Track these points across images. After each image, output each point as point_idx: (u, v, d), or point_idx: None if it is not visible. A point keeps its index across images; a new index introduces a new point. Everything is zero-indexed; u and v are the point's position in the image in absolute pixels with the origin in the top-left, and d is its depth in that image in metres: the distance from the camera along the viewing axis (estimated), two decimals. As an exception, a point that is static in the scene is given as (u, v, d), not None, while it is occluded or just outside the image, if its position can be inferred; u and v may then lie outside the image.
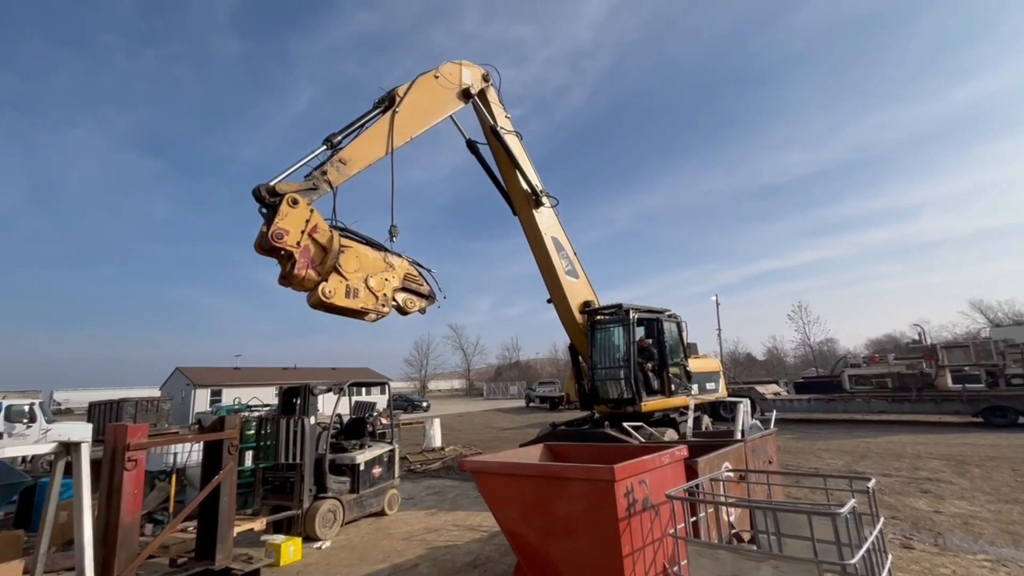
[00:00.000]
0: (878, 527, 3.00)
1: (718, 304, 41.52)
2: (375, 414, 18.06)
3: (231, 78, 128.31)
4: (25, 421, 15.93)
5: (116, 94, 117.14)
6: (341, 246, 5.13)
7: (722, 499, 3.74)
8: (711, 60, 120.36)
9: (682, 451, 4.05)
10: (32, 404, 16.50)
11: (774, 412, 6.68)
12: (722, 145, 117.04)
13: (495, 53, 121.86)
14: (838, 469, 9.58)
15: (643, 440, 6.78)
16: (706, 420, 10.51)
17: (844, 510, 2.52)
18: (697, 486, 3.75)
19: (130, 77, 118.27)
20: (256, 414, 9.03)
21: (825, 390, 19.62)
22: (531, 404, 36.58)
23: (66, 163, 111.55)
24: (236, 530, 5.85)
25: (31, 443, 15.94)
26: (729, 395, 13.11)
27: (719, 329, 40.19)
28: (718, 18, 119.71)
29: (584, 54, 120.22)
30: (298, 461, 6.51)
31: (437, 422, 15.88)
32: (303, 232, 4.87)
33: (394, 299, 5.62)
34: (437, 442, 15.43)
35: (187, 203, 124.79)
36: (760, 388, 19.73)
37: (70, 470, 8.63)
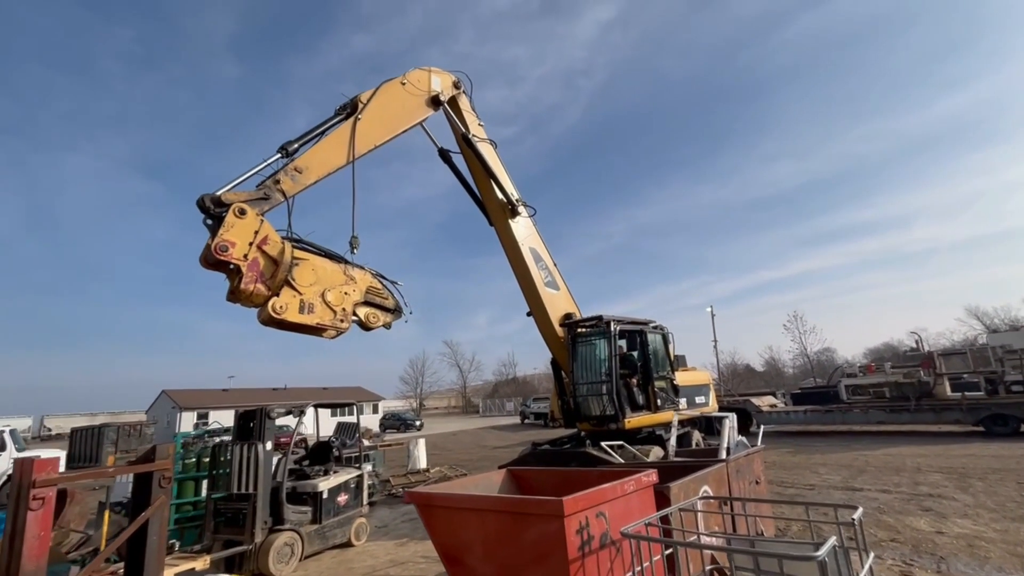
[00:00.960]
0: (867, 566, 2.58)
1: (713, 315, 41.26)
2: (357, 435, 17.52)
3: (229, 101, 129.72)
4: (-7, 450, 15.29)
5: (116, 118, 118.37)
6: (295, 258, 4.77)
7: (690, 536, 3.31)
8: (701, 75, 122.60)
9: (650, 476, 3.63)
10: (2, 432, 15.89)
11: (761, 427, 6.26)
12: (714, 158, 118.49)
13: (489, 73, 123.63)
14: (835, 485, 9.11)
15: (621, 460, 6.35)
16: (696, 436, 10.05)
17: (822, 552, 2.11)
18: (667, 517, 3.33)
19: (130, 102, 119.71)
20: (218, 439, 8.53)
21: (822, 401, 19.15)
22: (526, 421, 35.94)
23: (64, 187, 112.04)
24: (174, 571, 5.37)
25: (-1, 472, 15.37)
26: (721, 408, 12.68)
27: (715, 340, 39.84)
28: (707, 35, 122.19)
29: (577, 72, 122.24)
30: (251, 491, 6.04)
31: (422, 442, 15.34)
32: (251, 244, 4.53)
33: (355, 314, 5.25)
34: (422, 463, 14.88)
35: (186, 225, 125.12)
36: (756, 400, 19.25)
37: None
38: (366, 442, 15.44)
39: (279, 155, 5.62)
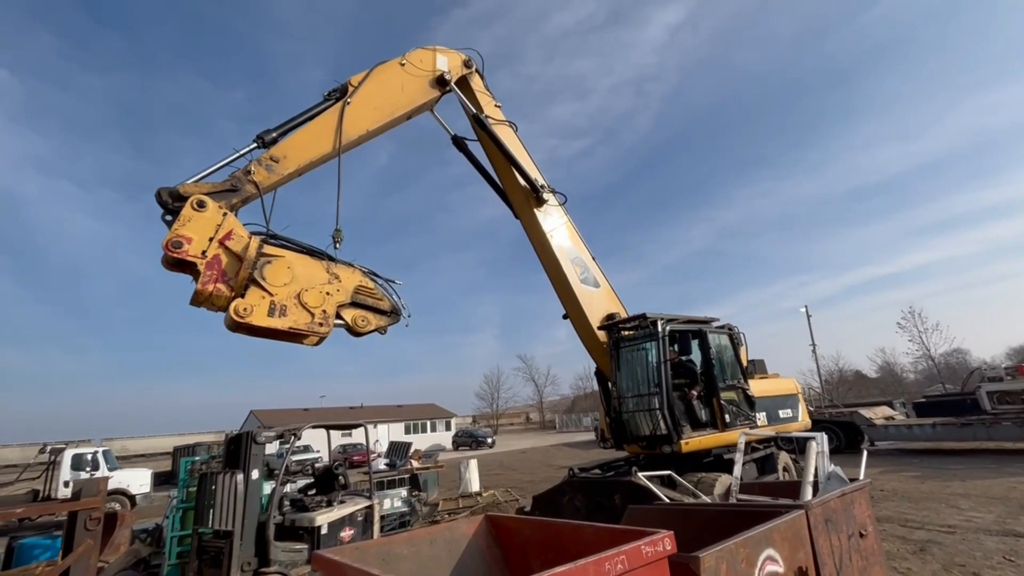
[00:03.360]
0: None
1: (809, 316, 36.82)
2: (408, 455, 16.88)
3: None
4: (88, 469, 16.49)
5: (229, 169, 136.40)
6: (265, 255, 4.08)
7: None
8: (783, 66, 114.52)
9: (658, 544, 2.28)
10: (96, 452, 17.15)
11: (864, 453, 4.51)
12: (803, 150, 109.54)
13: (558, 89, 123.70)
14: (985, 528, 6.78)
15: (664, 498, 4.87)
16: (783, 458, 8.12)
17: None
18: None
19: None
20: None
21: (956, 411, 15.66)
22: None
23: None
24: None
25: (93, 491, 16.53)
26: (817, 423, 10.43)
27: (812, 344, 35.42)
28: (787, 23, 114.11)
29: (647, 78, 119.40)
30: (228, 527, 5.31)
31: (473, 463, 14.33)
32: (211, 240, 3.91)
33: (340, 316, 4.44)
34: (475, 486, 13.85)
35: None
36: (865, 412, 16.10)
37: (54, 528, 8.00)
38: (415, 463, 14.77)
39: (255, 145, 5.03)
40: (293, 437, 6.16)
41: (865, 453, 4.49)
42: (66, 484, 16.10)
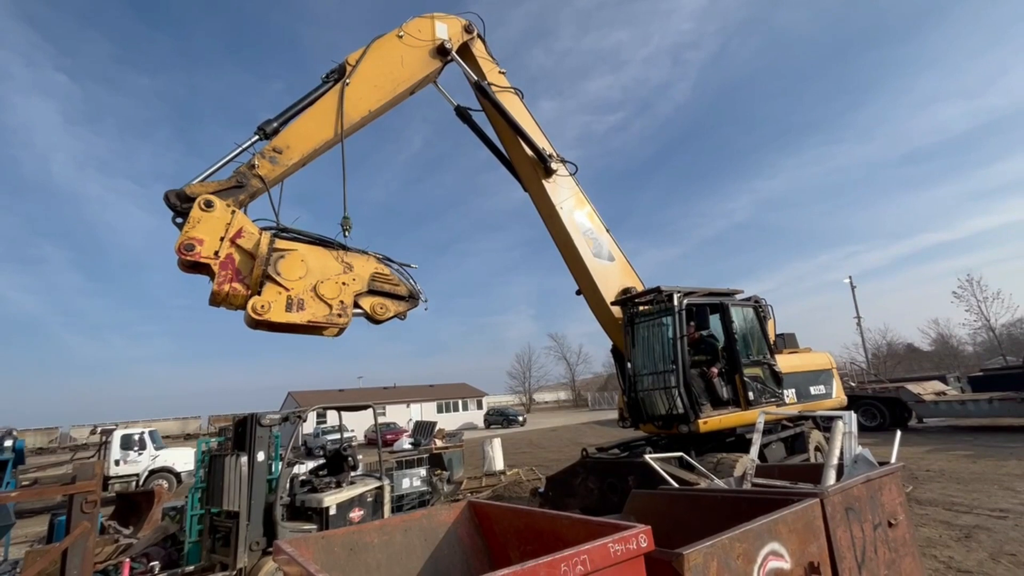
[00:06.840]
0: None
1: (853, 287, 34.98)
2: (433, 434, 17.03)
3: (357, 133, 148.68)
4: (136, 448, 17.41)
5: (234, 165, 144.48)
6: (278, 250, 4.03)
7: None
8: (832, 24, 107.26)
9: (629, 540, 2.00)
10: (142, 433, 18.06)
11: (898, 433, 4.05)
12: (853, 113, 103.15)
13: (592, 63, 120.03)
14: (1044, 511, 6.16)
15: (671, 481, 4.56)
16: (816, 437, 7.64)
17: None
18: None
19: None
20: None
21: (1017, 385, 14.53)
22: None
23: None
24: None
25: (141, 468, 17.49)
26: (854, 400, 9.76)
27: (857, 316, 33.72)
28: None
29: (685, 46, 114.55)
30: (236, 507, 5.35)
31: (497, 442, 14.29)
32: (222, 239, 3.88)
33: (357, 305, 4.35)
34: (499, 464, 13.83)
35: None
36: (913, 387, 15.10)
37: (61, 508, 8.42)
38: (438, 442, 14.86)
39: (257, 136, 4.90)
40: (299, 419, 6.14)
41: (899, 433, 4.03)
42: (116, 462, 17.09)
